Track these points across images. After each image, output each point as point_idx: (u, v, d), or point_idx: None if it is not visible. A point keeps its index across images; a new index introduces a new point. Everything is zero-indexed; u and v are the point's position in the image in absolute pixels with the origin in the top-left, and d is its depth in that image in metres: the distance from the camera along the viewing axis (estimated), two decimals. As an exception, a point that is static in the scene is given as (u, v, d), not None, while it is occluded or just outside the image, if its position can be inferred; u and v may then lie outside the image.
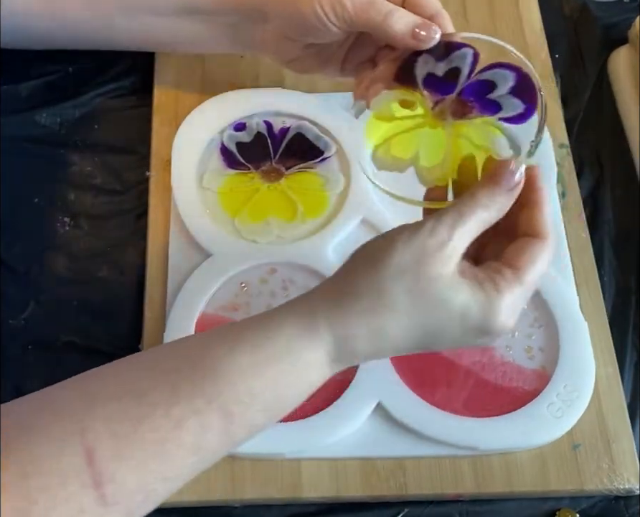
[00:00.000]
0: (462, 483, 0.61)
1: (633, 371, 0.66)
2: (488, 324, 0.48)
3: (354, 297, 0.47)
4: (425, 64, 0.55)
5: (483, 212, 0.48)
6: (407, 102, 0.54)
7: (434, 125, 0.53)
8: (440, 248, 0.47)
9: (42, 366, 0.65)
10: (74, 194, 0.73)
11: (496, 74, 0.53)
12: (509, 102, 0.53)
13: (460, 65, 0.54)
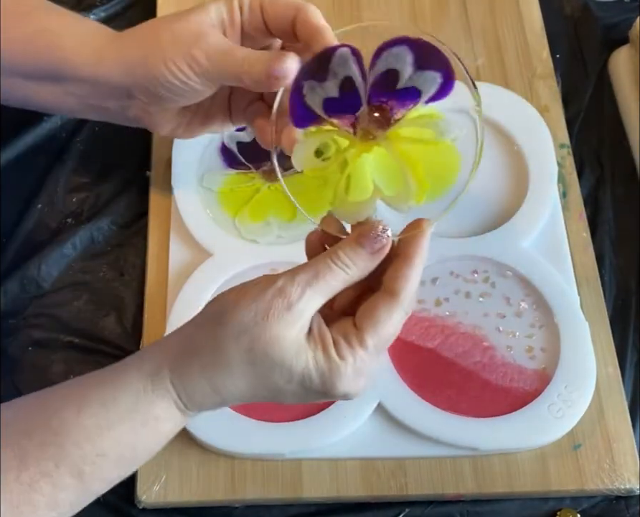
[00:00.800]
0: (463, 483, 0.61)
1: (634, 371, 0.66)
2: (330, 391, 0.47)
3: (196, 354, 0.46)
4: (313, 91, 0.47)
5: (342, 273, 0.46)
6: (324, 144, 0.49)
7: (368, 148, 0.47)
8: (288, 309, 0.45)
9: (42, 366, 0.65)
10: (74, 195, 0.73)
11: (390, 57, 0.47)
12: (422, 79, 0.47)
13: (347, 72, 0.47)
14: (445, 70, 0.46)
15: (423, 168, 0.47)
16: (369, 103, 0.47)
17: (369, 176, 0.47)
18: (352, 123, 0.48)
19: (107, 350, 0.66)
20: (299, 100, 0.47)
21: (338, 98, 0.47)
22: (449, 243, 0.68)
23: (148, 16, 0.80)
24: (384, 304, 0.47)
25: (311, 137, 0.48)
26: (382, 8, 0.82)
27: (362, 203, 0.47)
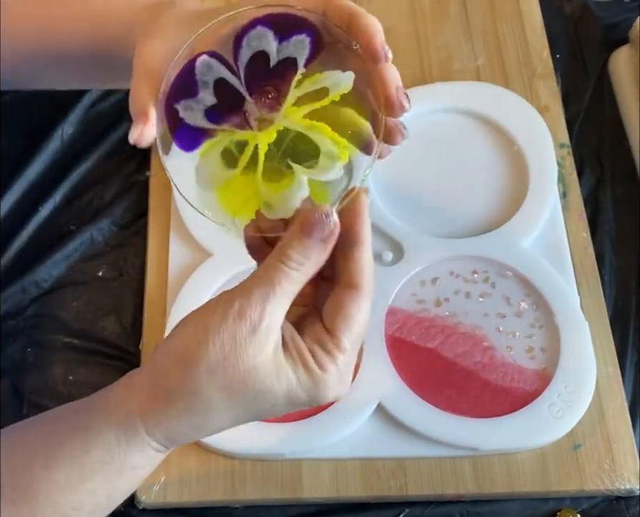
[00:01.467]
0: (463, 484, 0.61)
1: (634, 371, 0.66)
2: (318, 400, 0.45)
3: (169, 401, 0.43)
4: (190, 109, 0.45)
5: (297, 273, 0.43)
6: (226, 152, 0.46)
7: (271, 134, 0.45)
8: (253, 332, 0.42)
9: (42, 367, 0.65)
10: (74, 195, 0.73)
11: (251, 42, 0.45)
12: (292, 47, 0.45)
13: (216, 75, 0.45)
14: (307, 29, 0.45)
15: (333, 125, 0.45)
16: (252, 94, 0.46)
17: (284, 159, 0.45)
18: (244, 119, 0.45)
19: (107, 351, 0.66)
20: (179, 125, 0.45)
21: (218, 103, 0.46)
22: (449, 243, 0.68)
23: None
24: (351, 299, 0.44)
25: (209, 152, 0.46)
26: (381, 8, 0.82)
27: (289, 189, 0.45)
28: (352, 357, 0.45)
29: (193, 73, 0.45)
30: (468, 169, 0.73)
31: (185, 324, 0.44)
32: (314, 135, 0.45)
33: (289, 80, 0.45)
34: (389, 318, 0.65)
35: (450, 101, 0.75)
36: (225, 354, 0.42)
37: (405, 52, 0.79)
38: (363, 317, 0.45)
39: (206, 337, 0.42)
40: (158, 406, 0.43)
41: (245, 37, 0.45)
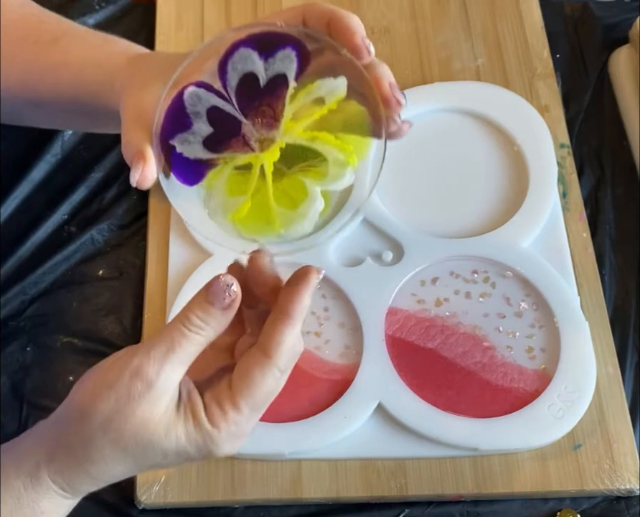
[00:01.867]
0: (463, 484, 0.61)
1: (634, 371, 0.66)
2: (208, 456, 0.45)
3: (69, 450, 0.45)
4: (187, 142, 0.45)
5: (197, 336, 0.44)
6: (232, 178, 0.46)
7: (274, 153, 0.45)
8: (148, 389, 0.43)
9: (42, 366, 0.65)
10: (74, 195, 0.73)
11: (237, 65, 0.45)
12: (279, 63, 0.45)
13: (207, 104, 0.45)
14: (291, 43, 0.45)
15: (336, 132, 0.45)
16: (247, 116, 0.45)
17: (293, 175, 0.45)
18: (244, 142, 0.45)
19: (107, 351, 0.66)
20: (177, 161, 0.45)
21: (214, 131, 0.45)
22: (449, 243, 0.68)
23: (147, 20, 0.81)
24: (258, 363, 0.44)
25: (214, 182, 0.46)
26: (381, 8, 0.82)
27: (304, 205, 0.45)
28: (248, 422, 0.45)
29: (183, 106, 0.45)
30: (468, 169, 0.73)
31: (87, 377, 0.45)
32: (318, 146, 0.45)
33: (282, 96, 0.45)
34: (389, 318, 0.65)
35: (450, 101, 0.75)
36: (119, 408, 0.43)
37: (405, 52, 0.79)
38: (268, 386, 0.45)
39: (102, 391, 0.44)
40: (60, 455, 0.45)
41: (229, 61, 0.45)
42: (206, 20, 0.80)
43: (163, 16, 0.80)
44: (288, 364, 0.45)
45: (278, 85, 0.45)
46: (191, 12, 0.81)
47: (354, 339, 0.64)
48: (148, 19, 0.81)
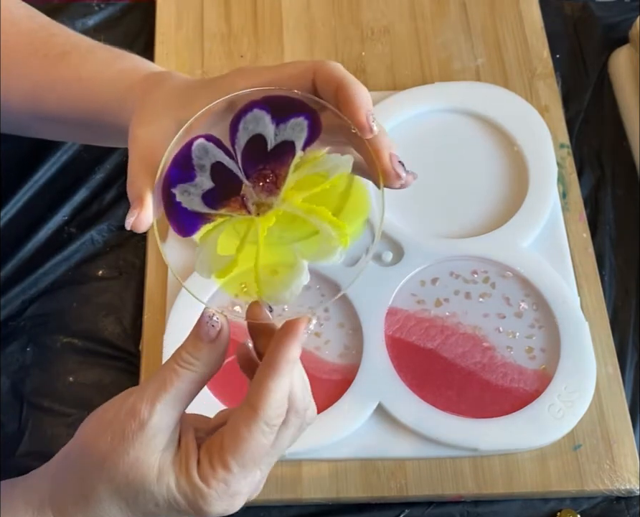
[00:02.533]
0: (463, 484, 0.61)
1: (634, 371, 0.66)
2: (200, 512, 0.44)
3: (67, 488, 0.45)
4: (187, 193, 0.45)
5: (188, 373, 0.44)
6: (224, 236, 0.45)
7: (269, 219, 0.44)
8: (140, 429, 0.43)
9: (42, 366, 0.65)
10: (75, 197, 0.73)
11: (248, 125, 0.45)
12: (290, 130, 0.45)
13: (213, 159, 0.45)
14: (305, 111, 0.45)
15: (333, 209, 0.45)
16: (249, 177, 0.45)
17: (284, 243, 0.45)
18: (242, 203, 0.45)
19: (107, 351, 0.66)
20: (175, 209, 0.45)
21: (215, 187, 0.45)
22: (449, 243, 0.68)
23: (147, 21, 0.81)
24: (244, 418, 0.43)
25: (207, 236, 0.46)
26: (381, 8, 0.82)
27: (289, 275, 0.45)
28: (239, 480, 0.44)
29: (190, 157, 0.45)
30: (468, 169, 0.73)
31: (91, 416, 0.46)
32: (314, 219, 0.44)
33: (287, 163, 0.45)
34: (389, 318, 0.65)
35: (450, 101, 0.75)
36: (114, 446, 0.43)
37: (405, 52, 0.79)
38: (256, 442, 0.43)
39: (100, 429, 0.44)
40: (61, 493, 0.45)
41: (241, 120, 0.45)
42: (206, 20, 0.80)
43: (163, 16, 0.80)
44: (277, 419, 0.44)
45: (284, 151, 0.45)
46: (191, 12, 0.81)
47: (354, 339, 0.64)
48: (148, 20, 0.81)
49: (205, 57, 0.78)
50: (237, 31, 0.80)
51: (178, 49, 0.79)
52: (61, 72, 0.56)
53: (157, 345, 0.64)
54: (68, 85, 0.56)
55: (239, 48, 0.79)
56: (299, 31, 0.80)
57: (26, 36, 0.58)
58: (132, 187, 0.48)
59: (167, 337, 0.63)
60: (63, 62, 0.56)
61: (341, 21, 0.81)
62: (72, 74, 0.56)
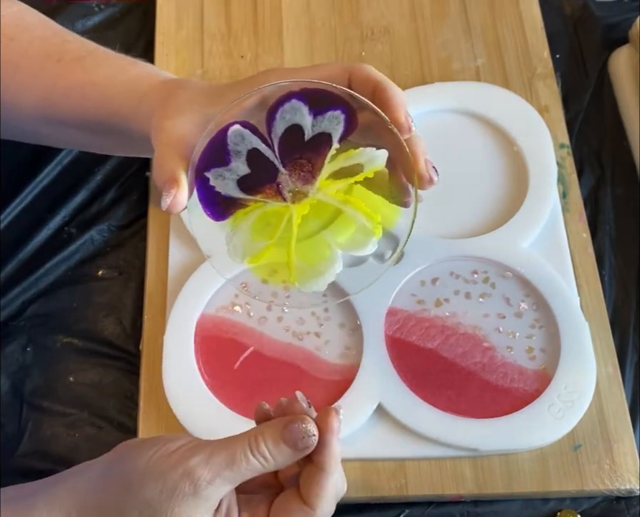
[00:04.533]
0: (463, 484, 0.61)
1: (634, 371, 0.66)
2: None
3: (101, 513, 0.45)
4: (222, 178, 0.46)
5: (258, 465, 0.45)
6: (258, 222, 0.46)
7: (304, 208, 0.46)
8: (194, 494, 0.43)
9: (42, 367, 0.65)
10: (75, 197, 0.73)
11: (286, 115, 0.46)
12: (327, 122, 0.46)
13: (249, 145, 0.46)
14: (342, 105, 0.46)
15: (367, 201, 0.46)
16: (285, 166, 0.46)
17: (319, 232, 0.46)
18: (277, 190, 0.46)
19: (107, 351, 0.66)
20: (209, 194, 0.46)
21: (251, 173, 0.46)
22: (449, 243, 0.68)
23: (147, 22, 0.81)
24: (299, 511, 0.45)
25: (240, 222, 0.46)
26: (381, 8, 0.82)
27: (323, 263, 0.46)
28: None
29: (225, 142, 0.46)
30: (468, 169, 0.73)
31: (143, 448, 0.45)
32: (348, 210, 0.46)
33: (323, 154, 0.46)
34: (389, 318, 0.65)
35: (450, 101, 0.75)
36: (161, 499, 0.43)
37: (405, 52, 0.79)
38: None
39: (151, 475, 0.44)
40: (92, 513, 0.45)
41: (279, 109, 0.46)
42: (206, 20, 0.80)
43: (163, 16, 0.80)
44: (330, 513, 0.46)
45: (321, 142, 0.46)
46: (191, 12, 0.81)
47: (354, 339, 0.64)
48: (148, 21, 0.81)
49: (205, 57, 0.78)
50: (237, 31, 0.80)
51: (178, 49, 0.79)
52: (75, 76, 0.56)
53: (157, 345, 0.64)
54: (81, 89, 0.56)
55: (239, 48, 0.79)
56: (299, 31, 0.80)
57: (39, 42, 0.58)
58: (162, 170, 0.48)
59: (167, 337, 0.63)
60: (77, 67, 0.56)
61: (341, 21, 0.81)
62: (86, 78, 0.56)
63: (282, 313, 0.66)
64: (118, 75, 0.56)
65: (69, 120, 0.57)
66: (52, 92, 0.57)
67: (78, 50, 0.58)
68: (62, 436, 0.63)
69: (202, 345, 0.64)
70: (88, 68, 0.56)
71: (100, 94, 0.55)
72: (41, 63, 0.57)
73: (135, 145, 0.57)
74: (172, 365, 0.62)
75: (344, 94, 0.46)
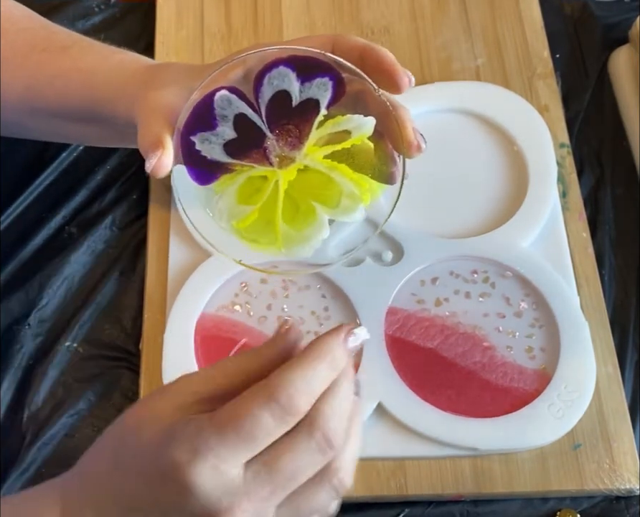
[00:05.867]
0: (462, 484, 0.61)
1: (634, 371, 0.66)
2: None
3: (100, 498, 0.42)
4: (207, 142, 0.45)
5: None
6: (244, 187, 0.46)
7: (291, 173, 0.45)
8: None
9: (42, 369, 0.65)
10: (76, 197, 0.73)
11: (273, 81, 0.46)
12: (314, 88, 0.46)
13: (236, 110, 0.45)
14: (330, 72, 0.46)
15: (355, 167, 0.46)
16: (273, 131, 0.46)
17: (305, 198, 0.46)
18: (264, 155, 0.46)
19: (107, 352, 0.66)
20: (194, 157, 0.45)
21: (237, 138, 0.46)
22: (449, 243, 0.68)
23: (147, 22, 0.81)
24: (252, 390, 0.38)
25: (226, 186, 0.46)
26: (381, 8, 0.82)
27: (311, 229, 0.46)
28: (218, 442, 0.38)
29: (212, 107, 0.46)
30: (468, 169, 0.73)
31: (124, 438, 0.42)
32: (336, 176, 0.46)
33: (311, 120, 0.46)
34: (389, 318, 0.65)
35: (450, 101, 0.75)
36: None
37: (405, 52, 0.79)
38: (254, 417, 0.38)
39: None
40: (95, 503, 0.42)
41: (266, 75, 0.46)
42: (206, 20, 0.81)
43: (163, 16, 0.81)
44: (290, 409, 0.38)
45: (309, 109, 0.46)
46: (191, 12, 0.81)
47: (354, 339, 0.64)
48: (148, 21, 0.81)
49: (205, 57, 0.78)
50: (237, 30, 0.80)
51: (178, 49, 0.79)
52: (60, 64, 0.56)
53: (157, 345, 0.64)
54: (67, 76, 0.56)
55: (239, 48, 0.78)
56: (299, 31, 0.80)
57: (25, 33, 0.58)
58: (147, 134, 0.48)
59: (167, 337, 0.63)
60: (63, 55, 0.57)
61: (341, 21, 0.81)
62: (71, 65, 0.56)
63: (282, 313, 0.66)
64: (102, 62, 0.56)
65: (53, 108, 0.57)
66: (37, 81, 0.57)
67: (64, 40, 0.58)
68: (62, 439, 0.63)
69: (202, 345, 0.64)
70: (73, 56, 0.57)
71: (84, 80, 0.56)
72: (26, 53, 0.57)
73: (120, 132, 0.57)
74: (172, 365, 0.62)
75: (331, 61, 0.46)
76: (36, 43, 0.58)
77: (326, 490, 0.40)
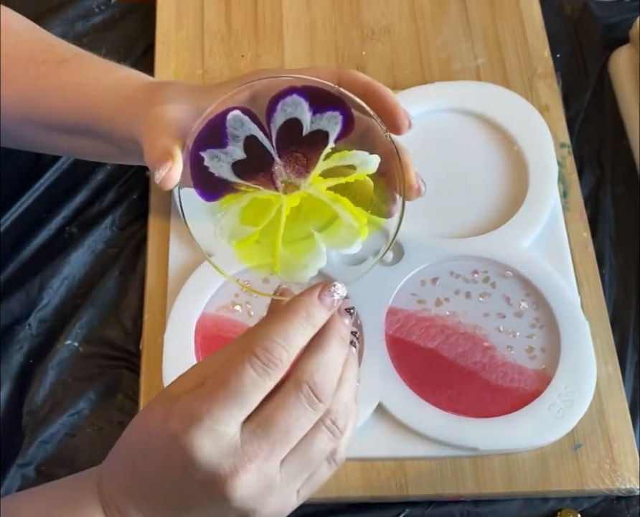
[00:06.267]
0: (463, 484, 0.61)
1: (634, 371, 0.66)
2: None
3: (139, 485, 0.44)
4: (217, 159, 0.46)
5: None
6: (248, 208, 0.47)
7: (295, 200, 0.46)
8: None
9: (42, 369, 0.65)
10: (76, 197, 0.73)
11: (287, 108, 0.47)
12: (325, 121, 0.47)
13: (247, 132, 0.46)
14: (341, 107, 0.47)
15: (355, 202, 0.47)
16: (281, 156, 0.47)
17: (306, 226, 0.47)
18: (270, 179, 0.47)
19: (107, 351, 0.66)
20: (202, 173, 0.46)
21: (246, 158, 0.47)
22: (449, 243, 0.68)
23: (147, 22, 0.81)
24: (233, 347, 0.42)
25: (230, 205, 0.47)
26: (381, 8, 0.82)
27: (308, 256, 0.47)
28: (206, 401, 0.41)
29: (224, 125, 0.46)
30: (468, 169, 0.73)
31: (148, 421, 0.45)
32: (338, 208, 0.47)
33: (319, 151, 0.47)
34: (390, 318, 0.65)
35: (450, 101, 0.75)
36: None
37: (405, 52, 0.80)
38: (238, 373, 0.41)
39: None
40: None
41: (280, 101, 0.47)
42: (206, 20, 0.81)
43: (163, 16, 0.81)
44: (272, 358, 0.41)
45: (318, 140, 0.47)
46: (191, 12, 0.81)
47: (354, 339, 0.64)
48: (148, 22, 0.81)
49: (205, 57, 0.78)
50: (237, 31, 0.80)
51: (178, 49, 0.79)
52: (59, 77, 0.57)
53: (157, 345, 0.64)
54: (65, 89, 0.56)
55: (239, 48, 0.79)
56: (299, 31, 0.80)
57: (25, 45, 0.58)
58: (154, 147, 0.48)
59: (167, 337, 0.63)
60: (61, 68, 0.57)
61: (341, 21, 0.81)
62: (68, 79, 0.56)
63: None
64: (101, 77, 0.56)
65: (50, 121, 0.57)
66: (35, 92, 0.57)
67: (63, 53, 0.58)
68: (62, 438, 0.63)
69: (202, 345, 0.64)
70: (72, 69, 0.57)
71: (82, 94, 0.56)
72: (25, 65, 0.58)
73: (116, 148, 0.57)
74: (172, 365, 0.62)
75: (344, 97, 0.47)
76: (36, 55, 0.58)
77: (322, 432, 0.42)
